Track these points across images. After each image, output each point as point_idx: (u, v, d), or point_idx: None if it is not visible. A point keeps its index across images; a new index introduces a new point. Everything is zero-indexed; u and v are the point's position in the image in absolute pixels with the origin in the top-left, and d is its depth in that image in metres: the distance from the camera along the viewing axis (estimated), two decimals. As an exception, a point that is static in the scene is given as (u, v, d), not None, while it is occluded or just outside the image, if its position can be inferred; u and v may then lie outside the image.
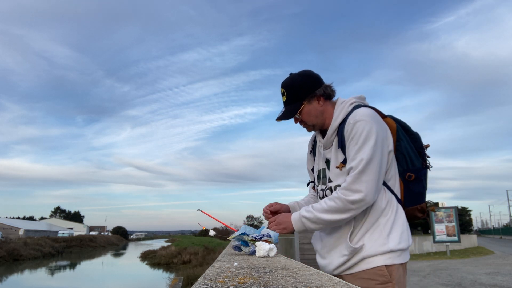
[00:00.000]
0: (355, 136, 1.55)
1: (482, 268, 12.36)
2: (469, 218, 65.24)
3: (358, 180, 1.49)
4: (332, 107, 1.72)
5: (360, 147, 1.53)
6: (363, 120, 1.56)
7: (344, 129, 1.61)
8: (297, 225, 1.61)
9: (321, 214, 1.54)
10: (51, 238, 53.12)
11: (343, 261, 1.58)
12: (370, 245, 1.54)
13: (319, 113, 1.72)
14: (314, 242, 1.84)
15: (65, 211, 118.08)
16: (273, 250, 1.47)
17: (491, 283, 8.84)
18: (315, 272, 1.00)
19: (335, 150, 1.67)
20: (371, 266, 1.53)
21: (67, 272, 27.27)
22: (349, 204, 1.50)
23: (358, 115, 1.58)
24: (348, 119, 1.61)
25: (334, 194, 1.55)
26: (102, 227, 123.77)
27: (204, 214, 1.97)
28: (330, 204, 1.53)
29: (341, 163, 1.63)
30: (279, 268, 1.07)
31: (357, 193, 1.48)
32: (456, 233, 17.69)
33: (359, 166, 1.50)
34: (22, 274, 24.84)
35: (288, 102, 1.73)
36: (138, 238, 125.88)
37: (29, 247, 37.29)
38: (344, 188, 1.52)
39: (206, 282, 0.80)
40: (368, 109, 1.62)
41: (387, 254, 1.53)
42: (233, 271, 0.98)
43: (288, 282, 0.81)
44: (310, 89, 1.70)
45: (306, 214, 1.58)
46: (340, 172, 1.63)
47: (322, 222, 1.55)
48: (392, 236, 1.55)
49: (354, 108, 1.66)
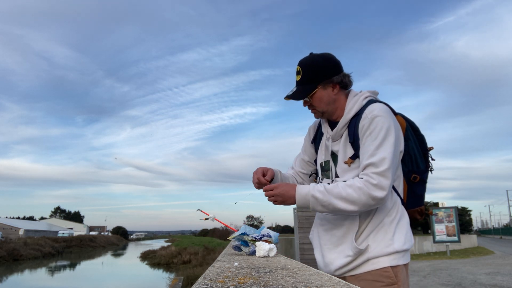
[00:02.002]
0: (373, 131, 1.48)
1: (482, 268, 12.36)
2: (469, 218, 65.29)
3: (383, 178, 1.42)
4: (345, 98, 1.64)
5: (380, 144, 1.46)
6: (382, 116, 1.50)
7: (358, 123, 1.54)
8: (302, 202, 1.49)
9: (336, 200, 1.44)
10: (51, 238, 53.07)
11: (347, 262, 1.52)
12: (375, 245, 1.49)
13: (331, 101, 1.63)
14: (313, 238, 1.77)
15: (65, 211, 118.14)
16: (273, 250, 1.47)
17: (491, 283, 8.84)
18: (315, 272, 1.00)
19: (344, 144, 1.60)
20: (376, 267, 1.48)
21: (67, 272, 27.26)
22: (371, 200, 1.42)
23: (375, 110, 1.51)
24: (364, 113, 1.53)
25: (356, 184, 1.44)
26: (102, 227, 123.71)
27: (204, 214, 1.96)
28: (349, 192, 1.43)
29: (350, 159, 1.56)
30: (279, 268, 1.07)
31: (382, 191, 1.42)
32: (456, 233, 17.68)
33: (383, 163, 1.43)
34: (22, 274, 24.82)
35: (301, 82, 1.61)
36: (138, 238, 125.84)
37: (29, 247, 37.26)
38: (368, 182, 1.43)
39: (206, 282, 0.80)
40: (384, 105, 1.56)
41: (392, 255, 1.49)
42: (233, 271, 0.98)
43: (288, 282, 0.81)
44: (328, 74, 1.60)
45: (318, 195, 1.45)
46: (348, 168, 1.57)
47: (332, 208, 1.46)
48: (397, 237, 1.51)
49: (368, 103, 1.59)
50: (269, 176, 1.64)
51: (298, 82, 1.62)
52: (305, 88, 1.60)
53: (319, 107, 1.63)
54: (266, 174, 1.66)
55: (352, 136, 1.56)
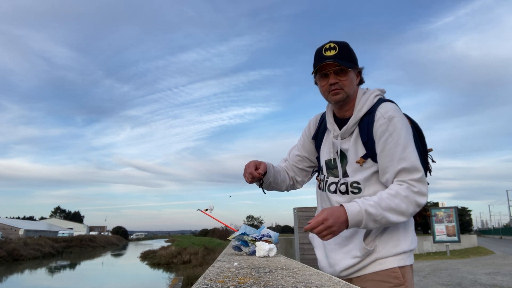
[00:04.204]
0: (393, 133, 1.44)
1: (482, 268, 12.36)
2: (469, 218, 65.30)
3: (423, 184, 1.41)
4: (355, 94, 1.60)
5: (405, 146, 1.43)
6: (399, 117, 1.47)
7: (372, 123, 1.50)
8: (354, 221, 1.37)
9: (387, 212, 1.38)
10: (51, 238, 53.05)
11: (354, 262, 1.49)
12: (382, 246, 1.48)
13: (354, 89, 1.59)
14: (313, 237, 1.72)
15: (65, 211, 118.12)
16: (273, 250, 1.47)
17: (491, 283, 8.83)
18: (315, 272, 1.00)
19: (355, 142, 1.55)
20: (383, 267, 1.46)
21: (67, 272, 27.25)
22: (416, 208, 1.41)
23: (390, 111, 1.49)
24: (379, 113, 1.50)
25: (401, 193, 1.39)
26: (102, 227, 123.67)
27: (204, 213, 1.96)
28: (397, 203, 1.38)
29: (362, 158, 1.52)
30: (279, 268, 1.07)
31: (424, 197, 1.41)
32: (456, 233, 17.68)
33: (417, 168, 1.42)
34: (22, 274, 24.82)
35: (339, 57, 1.52)
36: (138, 238, 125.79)
37: (29, 247, 37.24)
38: (410, 190, 1.40)
39: (206, 282, 0.80)
40: (395, 105, 1.55)
41: (400, 255, 1.47)
42: (233, 271, 0.98)
43: (288, 282, 0.81)
44: (357, 61, 1.59)
45: (372, 210, 1.37)
46: (360, 167, 1.52)
47: (384, 222, 1.40)
48: (404, 237, 1.50)
49: (379, 101, 1.56)
50: (262, 169, 1.60)
51: (332, 56, 1.52)
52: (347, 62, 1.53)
53: (348, 88, 1.54)
54: (258, 167, 1.61)
55: (366, 136, 1.52)
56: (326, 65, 1.53)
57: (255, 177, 1.59)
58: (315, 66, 1.57)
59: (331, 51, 1.54)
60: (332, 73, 1.53)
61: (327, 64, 1.53)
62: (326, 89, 1.56)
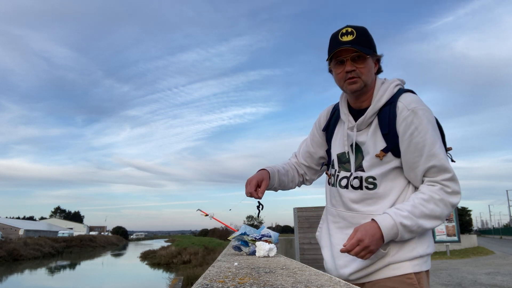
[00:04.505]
0: (419, 127, 1.33)
1: (482, 268, 12.35)
2: (469, 218, 65.25)
3: (455, 183, 1.33)
4: (373, 83, 1.47)
5: (433, 142, 1.33)
6: (424, 109, 1.36)
7: (394, 114, 1.38)
8: (389, 236, 1.29)
9: (422, 220, 1.29)
10: (51, 238, 53.05)
11: (364, 265, 1.38)
12: (396, 249, 1.36)
13: (372, 77, 1.46)
14: (321, 236, 1.62)
15: (65, 211, 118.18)
16: (273, 250, 1.47)
17: (491, 283, 8.83)
18: (315, 272, 1.00)
19: (374, 134, 1.42)
20: (397, 273, 1.35)
21: (67, 272, 27.24)
22: (451, 209, 1.32)
23: (414, 102, 1.37)
24: (401, 104, 1.38)
25: (434, 196, 1.31)
26: (102, 227, 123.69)
27: (205, 214, 1.96)
28: (432, 208, 1.30)
29: (382, 151, 1.40)
30: (279, 268, 1.07)
31: (458, 196, 1.33)
32: (456, 233, 17.67)
33: (448, 166, 1.33)
34: (22, 274, 24.80)
35: (356, 42, 1.39)
36: (138, 238, 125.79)
37: (29, 247, 37.23)
38: (444, 191, 1.31)
39: (206, 282, 0.80)
40: (417, 96, 1.43)
41: (415, 260, 1.36)
42: (233, 271, 0.98)
43: (288, 282, 0.81)
44: (375, 48, 1.47)
45: (407, 221, 1.28)
46: (380, 161, 1.40)
47: (420, 231, 1.31)
48: (421, 240, 1.38)
49: (399, 92, 1.44)
50: (262, 192, 1.52)
51: (349, 42, 1.39)
52: (364, 48, 1.40)
53: (366, 76, 1.42)
54: (260, 184, 1.53)
55: (386, 128, 1.39)
56: (342, 51, 1.41)
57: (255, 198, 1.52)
58: (330, 51, 1.44)
59: (348, 36, 1.41)
60: (349, 60, 1.40)
61: (344, 50, 1.40)
62: (342, 77, 1.44)
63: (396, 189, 1.41)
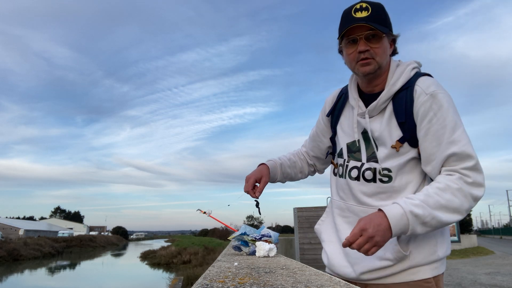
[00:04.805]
0: (438, 112, 1.18)
1: (482, 268, 12.35)
2: (469, 218, 65.24)
3: (478, 173, 1.15)
4: (387, 66, 1.33)
5: (454, 128, 1.17)
6: (443, 93, 1.21)
7: (411, 100, 1.24)
8: (399, 227, 1.10)
9: (438, 212, 1.11)
10: (51, 238, 53.08)
11: (382, 266, 1.24)
12: (417, 251, 1.23)
13: (387, 59, 1.31)
14: (323, 230, 1.49)
15: (65, 211, 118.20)
16: (273, 250, 1.47)
17: (491, 283, 8.83)
18: (315, 272, 1.00)
19: (388, 122, 1.27)
20: (416, 277, 1.23)
21: (67, 272, 27.23)
22: (473, 202, 1.15)
23: (433, 85, 1.23)
24: (418, 88, 1.23)
25: (452, 185, 1.13)
26: (102, 227, 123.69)
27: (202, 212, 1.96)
28: (449, 198, 1.12)
29: (398, 142, 1.25)
30: (279, 268, 1.07)
31: (481, 188, 1.15)
32: (456, 233, 17.69)
33: (470, 154, 1.15)
34: (22, 274, 24.80)
35: (372, 19, 1.24)
36: (138, 238, 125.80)
37: (29, 247, 37.24)
38: (463, 180, 1.14)
39: (206, 282, 0.80)
40: (436, 79, 1.28)
41: (434, 264, 1.25)
42: (233, 271, 0.98)
43: (288, 282, 0.81)
44: (391, 26, 1.31)
45: (418, 210, 1.10)
46: (396, 153, 1.25)
47: (435, 224, 1.13)
48: (442, 242, 1.28)
49: (416, 75, 1.29)
50: (259, 191, 1.47)
51: (364, 18, 1.24)
52: (380, 26, 1.24)
53: (380, 57, 1.27)
54: (259, 181, 1.49)
55: (403, 115, 1.24)
56: (355, 29, 1.25)
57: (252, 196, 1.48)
58: (342, 29, 1.28)
59: (363, 12, 1.25)
60: (363, 39, 1.24)
61: (357, 28, 1.24)
62: (354, 58, 1.28)
63: (413, 182, 1.27)
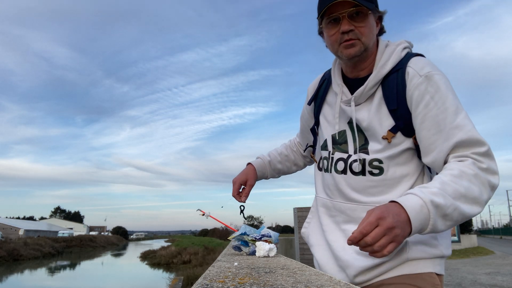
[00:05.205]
0: (436, 95, 1.04)
1: (482, 268, 12.35)
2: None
3: (491, 159, 1.01)
4: (375, 47, 1.18)
5: (456, 112, 1.02)
6: (439, 74, 1.07)
7: (403, 83, 1.09)
8: (419, 221, 0.88)
9: (459, 202, 0.93)
10: (51, 238, 53.11)
11: (376, 263, 1.10)
12: (415, 243, 1.10)
13: (373, 38, 1.16)
14: (310, 233, 1.36)
15: (65, 211, 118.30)
16: (273, 250, 1.47)
17: (491, 283, 8.83)
18: (315, 272, 1.00)
19: (378, 110, 1.13)
20: (418, 270, 1.09)
21: (67, 272, 27.22)
22: (491, 192, 0.99)
23: (427, 66, 1.08)
24: (410, 70, 1.09)
25: (468, 171, 0.96)
26: (102, 227, 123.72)
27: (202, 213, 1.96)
28: (468, 187, 0.95)
29: (390, 132, 1.11)
30: (279, 268, 1.07)
31: (497, 176, 1.01)
32: (456, 233, 17.68)
33: (479, 139, 1.00)
34: (22, 274, 24.81)
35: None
36: (138, 238, 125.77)
37: (29, 247, 37.25)
38: (477, 166, 0.98)
39: (206, 282, 0.80)
40: (429, 60, 1.14)
41: (437, 260, 1.12)
42: (233, 271, 0.98)
43: (288, 282, 0.81)
44: (377, 2, 1.17)
45: (439, 199, 0.90)
46: (388, 144, 1.11)
47: (456, 217, 0.93)
48: (442, 238, 1.14)
49: (407, 56, 1.15)
50: (245, 196, 1.45)
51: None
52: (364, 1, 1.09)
53: (367, 37, 1.11)
54: (245, 184, 1.46)
55: (394, 101, 1.10)
56: (337, 6, 1.09)
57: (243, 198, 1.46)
58: (322, 7, 1.13)
59: None
60: (346, 17, 1.09)
61: (339, 5, 1.09)
62: (336, 40, 1.13)
63: (409, 176, 1.13)
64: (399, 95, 1.10)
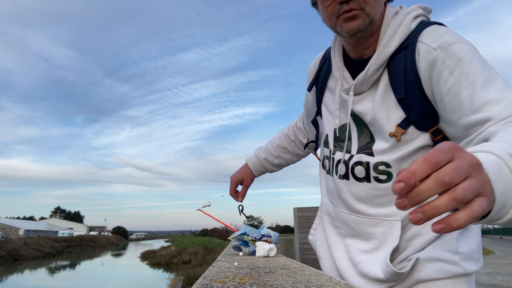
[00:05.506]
0: (457, 68, 0.78)
1: (482, 268, 12.31)
2: (469, 218, 65.09)
3: None
4: (381, 17, 0.92)
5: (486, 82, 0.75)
6: (460, 42, 0.81)
7: (414, 62, 0.86)
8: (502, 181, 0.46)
9: None
10: (51, 238, 53.15)
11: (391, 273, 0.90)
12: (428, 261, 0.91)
13: (380, 9, 0.90)
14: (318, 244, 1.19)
15: (65, 211, 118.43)
16: (273, 250, 1.47)
17: (491, 283, 8.83)
18: (315, 272, 1.00)
19: (383, 100, 0.90)
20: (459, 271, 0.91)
21: (67, 272, 27.23)
22: None
23: (444, 35, 0.83)
24: (422, 46, 0.85)
25: None
26: (102, 227, 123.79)
27: (204, 213, 1.95)
28: None
29: (399, 127, 0.88)
30: (279, 268, 1.07)
31: None
32: (456, 233, 17.65)
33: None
34: (22, 274, 24.81)
35: None
36: (138, 238, 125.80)
37: (29, 247, 37.27)
38: None
39: (206, 282, 0.80)
40: (448, 28, 0.88)
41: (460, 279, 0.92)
42: (233, 271, 0.98)
43: (288, 282, 0.81)
44: None
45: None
46: (397, 143, 0.89)
47: None
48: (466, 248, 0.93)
49: (420, 26, 0.89)
50: (242, 194, 1.41)
51: None
52: None
53: (371, 6, 0.87)
54: (241, 183, 1.42)
55: (403, 88, 0.87)
56: None
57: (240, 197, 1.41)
58: None
59: None
60: None
61: None
62: (333, 11, 0.89)
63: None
64: (408, 80, 0.86)
